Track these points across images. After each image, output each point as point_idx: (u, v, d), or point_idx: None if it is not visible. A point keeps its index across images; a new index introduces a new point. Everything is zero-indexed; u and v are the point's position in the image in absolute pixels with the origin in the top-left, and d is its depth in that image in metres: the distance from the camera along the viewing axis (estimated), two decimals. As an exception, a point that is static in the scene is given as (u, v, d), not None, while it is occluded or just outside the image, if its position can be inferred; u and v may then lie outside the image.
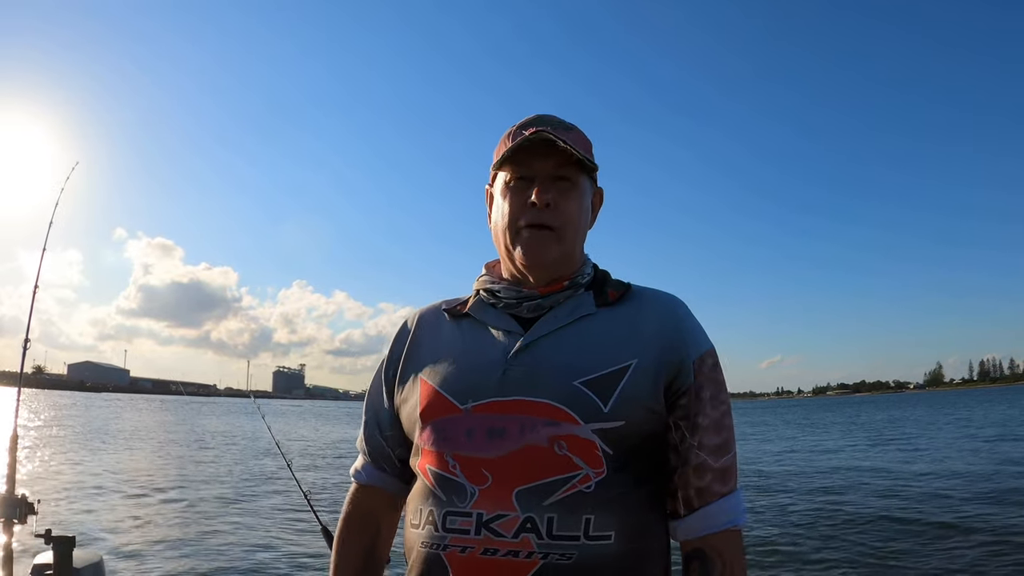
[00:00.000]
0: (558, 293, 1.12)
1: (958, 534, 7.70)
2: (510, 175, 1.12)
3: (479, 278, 1.21)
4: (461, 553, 0.98)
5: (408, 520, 1.10)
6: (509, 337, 1.09)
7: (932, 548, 7.15)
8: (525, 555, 0.95)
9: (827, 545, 7.45)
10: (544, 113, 1.17)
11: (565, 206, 1.10)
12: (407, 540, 1.09)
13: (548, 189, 1.09)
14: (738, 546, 1.06)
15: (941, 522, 8.31)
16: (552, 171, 1.10)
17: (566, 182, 1.11)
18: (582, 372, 1.03)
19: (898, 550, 7.11)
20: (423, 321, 1.22)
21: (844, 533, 7.99)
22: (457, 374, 1.09)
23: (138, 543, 7.27)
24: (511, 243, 1.12)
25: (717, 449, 1.06)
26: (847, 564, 6.70)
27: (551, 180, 1.10)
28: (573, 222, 1.11)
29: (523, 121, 1.15)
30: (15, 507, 2.50)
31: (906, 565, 6.58)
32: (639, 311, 1.11)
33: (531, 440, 1.00)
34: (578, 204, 1.12)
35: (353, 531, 1.24)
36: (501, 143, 1.15)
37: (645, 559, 1.02)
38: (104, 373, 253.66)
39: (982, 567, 6.40)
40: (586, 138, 1.17)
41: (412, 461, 1.14)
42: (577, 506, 0.97)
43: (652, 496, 1.06)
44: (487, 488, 1.00)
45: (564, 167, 1.10)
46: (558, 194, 1.10)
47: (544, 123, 1.12)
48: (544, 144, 1.08)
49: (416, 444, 1.12)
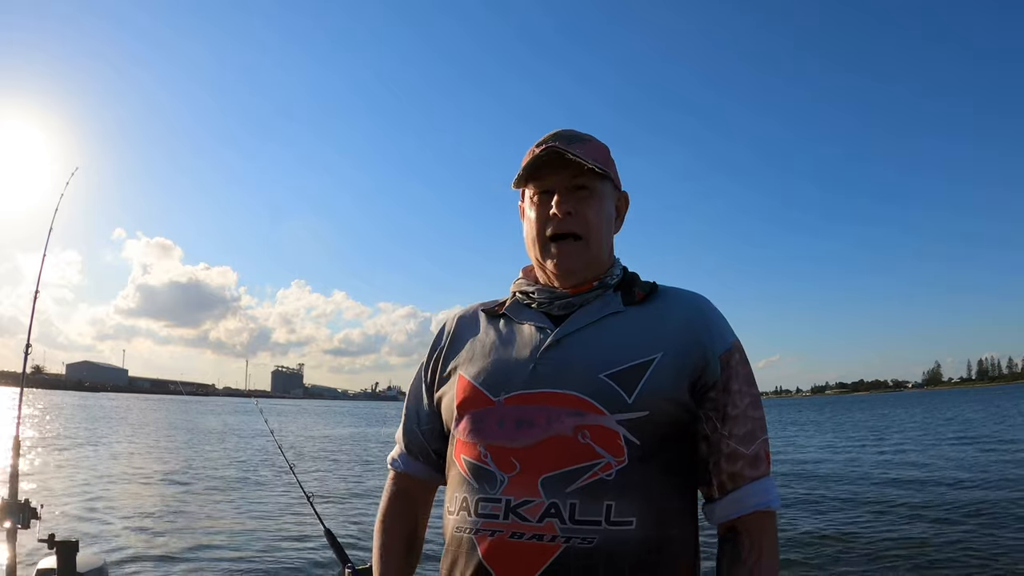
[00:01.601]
0: (587, 293, 1.19)
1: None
2: (533, 191, 1.22)
3: (516, 281, 1.29)
4: (491, 536, 1.05)
5: (445, 507, 1.18)
6: (541, 333, 1.17)
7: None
8: (549, 539, 1.02)
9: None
10: (565, 128, 1.24)
11: (585, 213, 1.18)
12: (445, 527, 1.16)
13: (567, 199, 1.18)
14: (770, 527, 1.11)
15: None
16: (569, 182, 1.18)
17: (584, 190, 1.18)
18: (608, 365, 1.09)
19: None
20: (462, 321, 1.30)
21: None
22: (491, 368, 1.17)
23: (141, 547, 7.25)
24: (541, 255, 1.21)
25: (747, 436, 1.12)
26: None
27: (569, 191, 1.18)
28: (596, 227, 1.19)
29: (541, 139, 1.22)
30: (19, 512, 2.50)
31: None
32: (665, 308, 1.18)
33: (557, 430, 1.06)
34: (598, 210, 1.19)
35: (395, 517, 1.32)
36: (523, 162, 1.22)
37: (667, 545, 1.06)
38: (102, 373, 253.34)
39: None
40: (602, 146, 1.24)
41: (449, 452, 1.21)
42: (599, 493, 1.03)
43: (676, 485, 1.11)
44: (515, 475, 1.06)
45: (580, 177, 1.18)
46: (577, 202, 1.18)
47: (557, 138, 1.20)
48: (558, 158, 1.16)
49: (453, 434, 1.19)
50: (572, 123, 1.52)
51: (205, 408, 65.50)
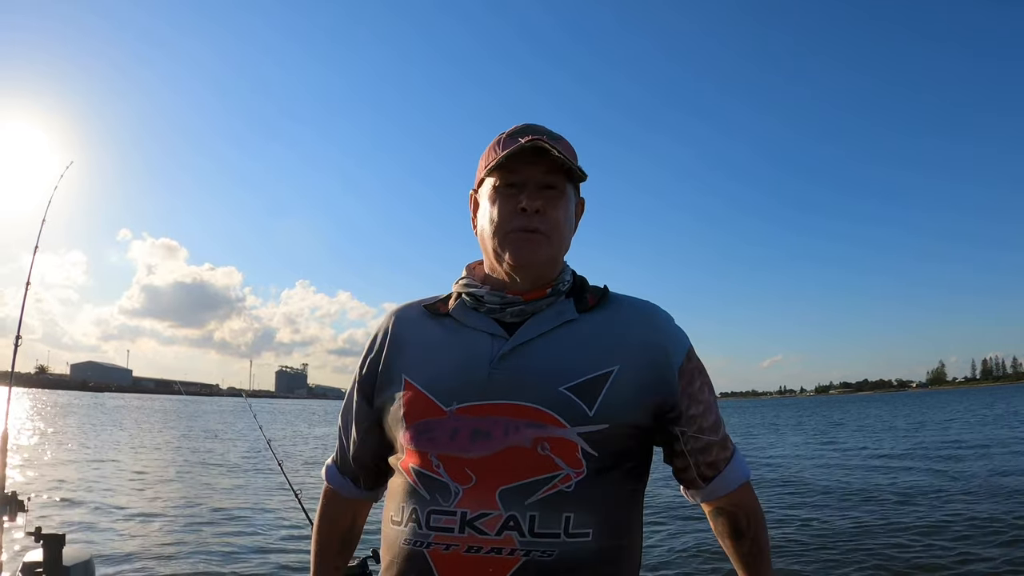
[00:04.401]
0: (540, 300, 1.14)
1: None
2: (499, 180, 1.14)
3: (459, 280, 1.22)
4: (445, 551, 1.01)
5: (389, 517, 1.11)
6: (494, 341, 1.11)
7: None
8: (508, 552, 0.98)
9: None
10: (531, 122, 1.19)
11: (553, 213, 1.13)
12: (386, 537, 1.10)
13: (536, 196, 1.12)
14: (752, 496, 1.20)
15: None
16: (540, 178, 1.12)
17: (553, 190, 1.13)
18: (567, 377, 1.06)
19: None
20: (402, 321, 1.23)
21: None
22: (442, 376, 1.11)
23: (128, 542, 7.23)
24: (500, 246, 1.13)
25: (713, 426, 1.16)
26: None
27: (539, 187, 1.13)
28: (560, 228, 1.14)
29: (512, 129, 1.17)
30: (5, 505, 2.52)
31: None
32: (619, 317, 1.15)
33: (515, 441, 1.03)
34: (564, 211, 1.15)
35: (329, 520, 1.32)
36: (490, 150, 1.18)
37: (622, 556, 1.06)
38: (107, 373, 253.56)
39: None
40: (572, 148, 1.19)
41: (393, 460, 1.15)
42: (558, 505, 1.00)
43: (629, 496, 1.10)
44: (471, 487, 1.02)
45: (552, 175, 1.13)
46: (546, 201, 1.12)
47: (536, 132, 1.15)
48: (534, 152, 1.10)
49: (399, 443, 1.13)
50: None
51: (205, 408, 65.49)
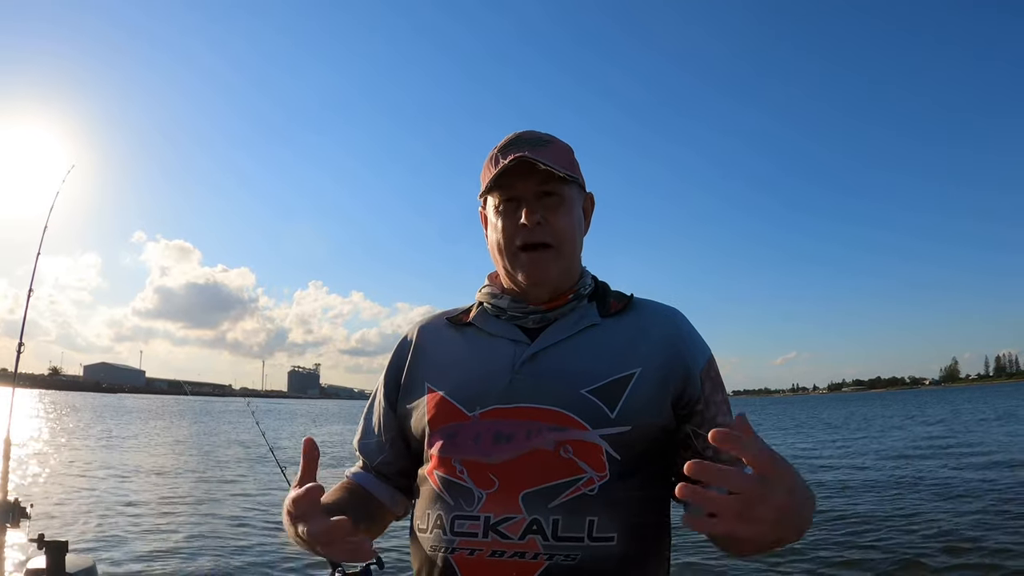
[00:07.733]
0: (562, 307, 1.14)
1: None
2: (498, 199, 1.14)
3: (481, 289, 1.22)
4: (469, 555, 1.00)
5: (415, 525, 1.11)
6: (516, 347, 1.11)
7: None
8: (531, 556, 0.98)
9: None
10: (529, 126, 1.18)
11: (556, 221, 1.11)
12: (413, 545, 1.10)
13: (536, 208, 1.10)
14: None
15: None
16: (536, 189, 1.11)
17: (553, 197, 1.12)
18: (589, 380, 1.06)
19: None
20: (425, 332, 1.23)
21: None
22: (464, 382, 1.11)
23: (131, 548, 7.21)
24: (510, 265, 1.13)
25: (727, 416, 1.13)
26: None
27: (537, 198, 1.11)
28: (568, 235, 1.13)
29: (502, 143, 1.16)
30: (7, 512, 2.51)
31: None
32: (642, 321, 1.14)
33: (537, 444, 1.02)
34: (569, 216, 1.13)
35: (342, 490, 1.20)
36: (485, 168, 1.17)
37: (647, 561, 1.04)
38: (120, 374, 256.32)
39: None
40: (566, 147, 1.17)
41: (420, 469, 1.14)
42: (581, 508, 0.99)
43: (655, 500, 1.08)
44: (494, 492, 1.02)
45: (548, 183, 1.11)
46: (546, 210, 1.11)
47: (522, 142, 1.14)
48: (524, 165, 1.09)
49: (425, 451, 1.12)
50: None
51: (216, 408, 65.78)
